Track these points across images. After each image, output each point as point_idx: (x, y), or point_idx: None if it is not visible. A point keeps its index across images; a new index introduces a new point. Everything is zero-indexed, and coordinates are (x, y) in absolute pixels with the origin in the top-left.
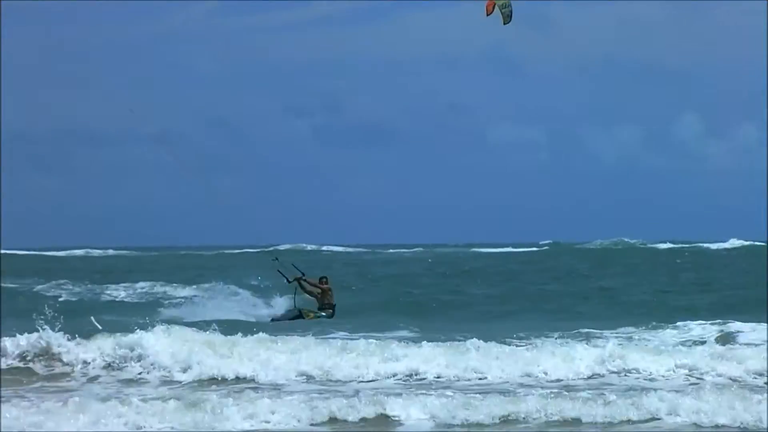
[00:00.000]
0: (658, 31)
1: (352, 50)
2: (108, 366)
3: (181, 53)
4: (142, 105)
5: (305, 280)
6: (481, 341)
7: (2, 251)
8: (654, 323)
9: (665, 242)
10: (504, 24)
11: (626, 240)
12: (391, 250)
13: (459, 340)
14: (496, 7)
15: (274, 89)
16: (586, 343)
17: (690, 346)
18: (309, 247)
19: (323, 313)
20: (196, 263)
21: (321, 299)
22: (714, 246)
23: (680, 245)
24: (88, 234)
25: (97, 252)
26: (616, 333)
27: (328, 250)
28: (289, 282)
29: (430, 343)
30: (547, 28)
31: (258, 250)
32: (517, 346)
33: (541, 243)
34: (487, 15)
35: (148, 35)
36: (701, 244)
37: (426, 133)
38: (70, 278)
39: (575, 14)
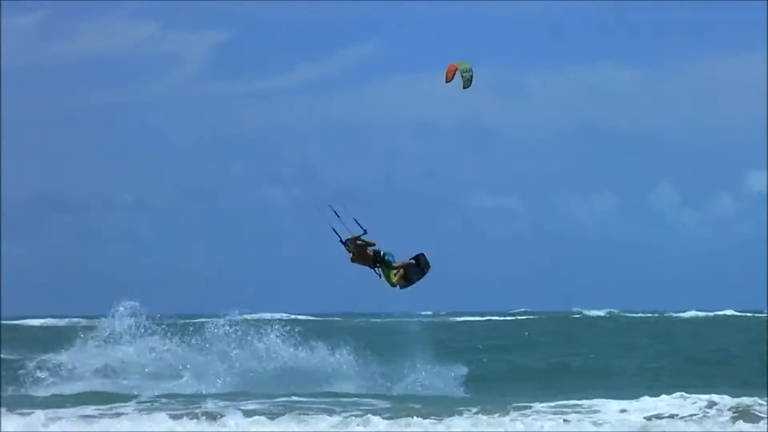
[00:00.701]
0: (633, 98)
1: (329, 117)
2: None
3: (156, 119)
4: (117, 171)
5: (363, 241)
6: None
7: None
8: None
9: (637, 312)
10: (464, 88)
11: (614, 311)
12: (372, 319)
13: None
14: (458, 72)
15: (250, 157)
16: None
17: None
18: (284, 316)
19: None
20: None
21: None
22: (676, 314)
23: (650, 314)
24: (56, 302)
25: (56, 320)
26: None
27: (305, 319)
28: (342, 242)
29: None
30: (522, 96)
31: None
32: None
33: (515, 311)
34: (447, 81)
35: (123, 101)
36: (670, 314)
37: (402, 201)
38: None
39: (549, 82)
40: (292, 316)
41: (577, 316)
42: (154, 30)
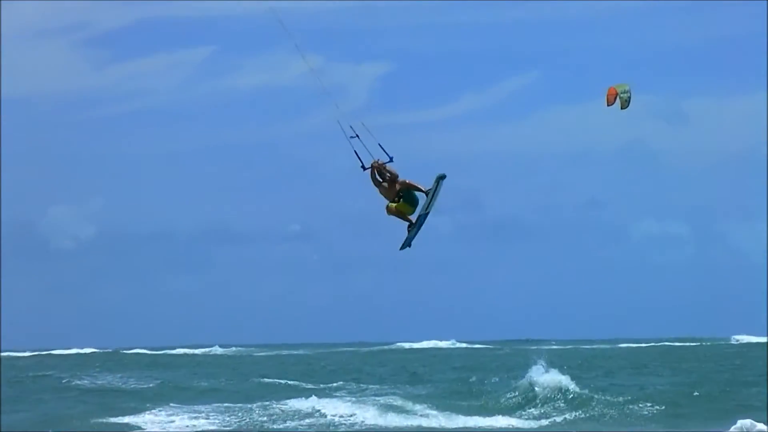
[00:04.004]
0: None
1: (491, 146)
2: None
3: (322, 150)
4: (284, 202)
5: (385, 169)
6: None
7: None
8: None
9: None
10: (622, 109)
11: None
12: (532, 347)
13: None
14: (618, 96)
15: None
16: None
17: None
18: (442, 344)
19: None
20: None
21: (391, 189)
22: None
23: None
24: (222, 331)
25: (219, 350)
26: None
27: (468, 348)
28: (364, 169)
29: None
30: (686, 121)
31: (377, 348)
32: None
33: (683, 337)
34: (609, 105)
35: (289, 133)
36: None
37: (565, 229)
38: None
39: (713, 107)
40: (461, 344)
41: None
42: (320, 62)
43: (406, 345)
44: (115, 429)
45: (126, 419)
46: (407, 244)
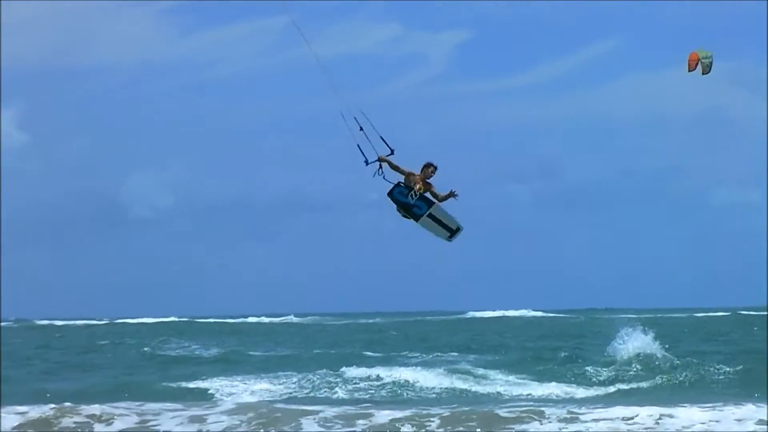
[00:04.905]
0: None
1: (569, 114)
2: None
3: (399, 118)
4: (360, 171)
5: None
6: None
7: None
8: None
9: None
10: (703, 74)
11: None
12: (608, 316)
13: None
14: (699, 62)
15: (491, 154)
16: None
17: None
18: (516, 313)
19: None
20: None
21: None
22: None
23: None
24: (298, 300)
25: (296, 319)
26: None
27: (544, 317)
28: (367, 164)
29: None
30: (765, 88)
31: (452, 317)
32: None
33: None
34: (690, 71)
35: (367, 102)
36: None
37: (644, 196)
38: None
39: None
40: (537, 313)
41: None
42: (399, 31)
43: (480, 314)
44: (185, 393)
45: (194, 384)
46: (393, 195)
